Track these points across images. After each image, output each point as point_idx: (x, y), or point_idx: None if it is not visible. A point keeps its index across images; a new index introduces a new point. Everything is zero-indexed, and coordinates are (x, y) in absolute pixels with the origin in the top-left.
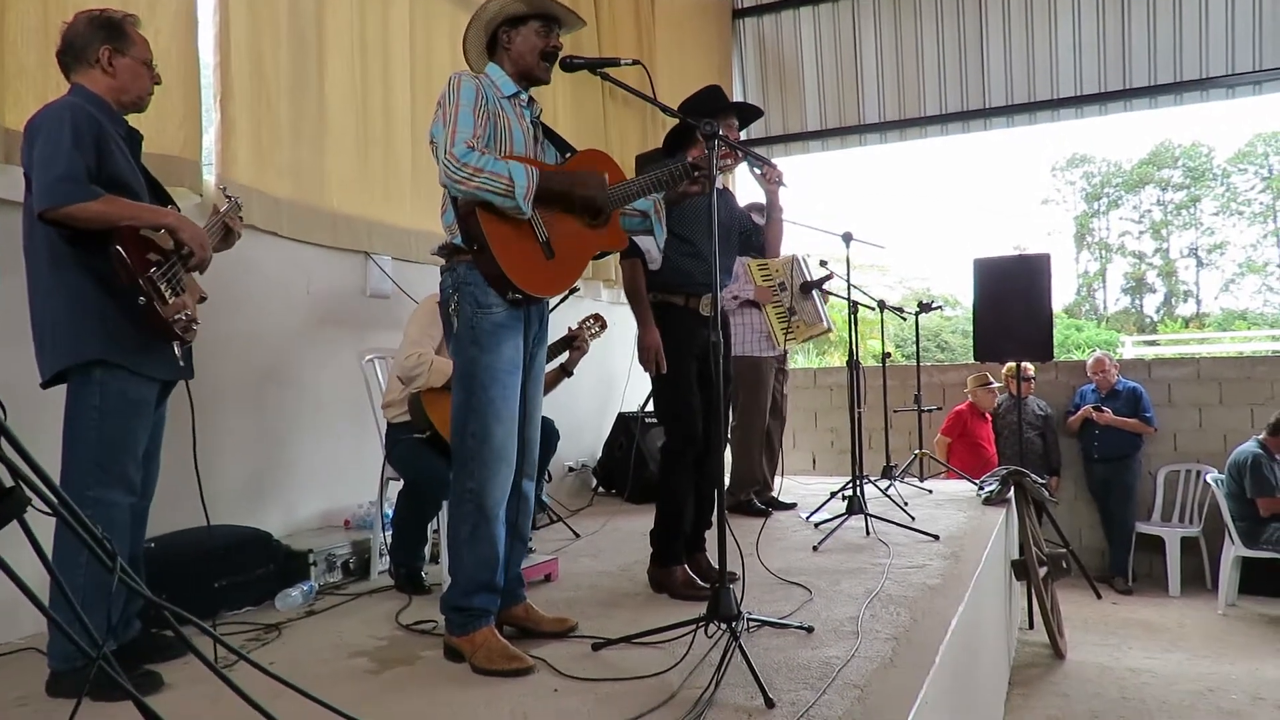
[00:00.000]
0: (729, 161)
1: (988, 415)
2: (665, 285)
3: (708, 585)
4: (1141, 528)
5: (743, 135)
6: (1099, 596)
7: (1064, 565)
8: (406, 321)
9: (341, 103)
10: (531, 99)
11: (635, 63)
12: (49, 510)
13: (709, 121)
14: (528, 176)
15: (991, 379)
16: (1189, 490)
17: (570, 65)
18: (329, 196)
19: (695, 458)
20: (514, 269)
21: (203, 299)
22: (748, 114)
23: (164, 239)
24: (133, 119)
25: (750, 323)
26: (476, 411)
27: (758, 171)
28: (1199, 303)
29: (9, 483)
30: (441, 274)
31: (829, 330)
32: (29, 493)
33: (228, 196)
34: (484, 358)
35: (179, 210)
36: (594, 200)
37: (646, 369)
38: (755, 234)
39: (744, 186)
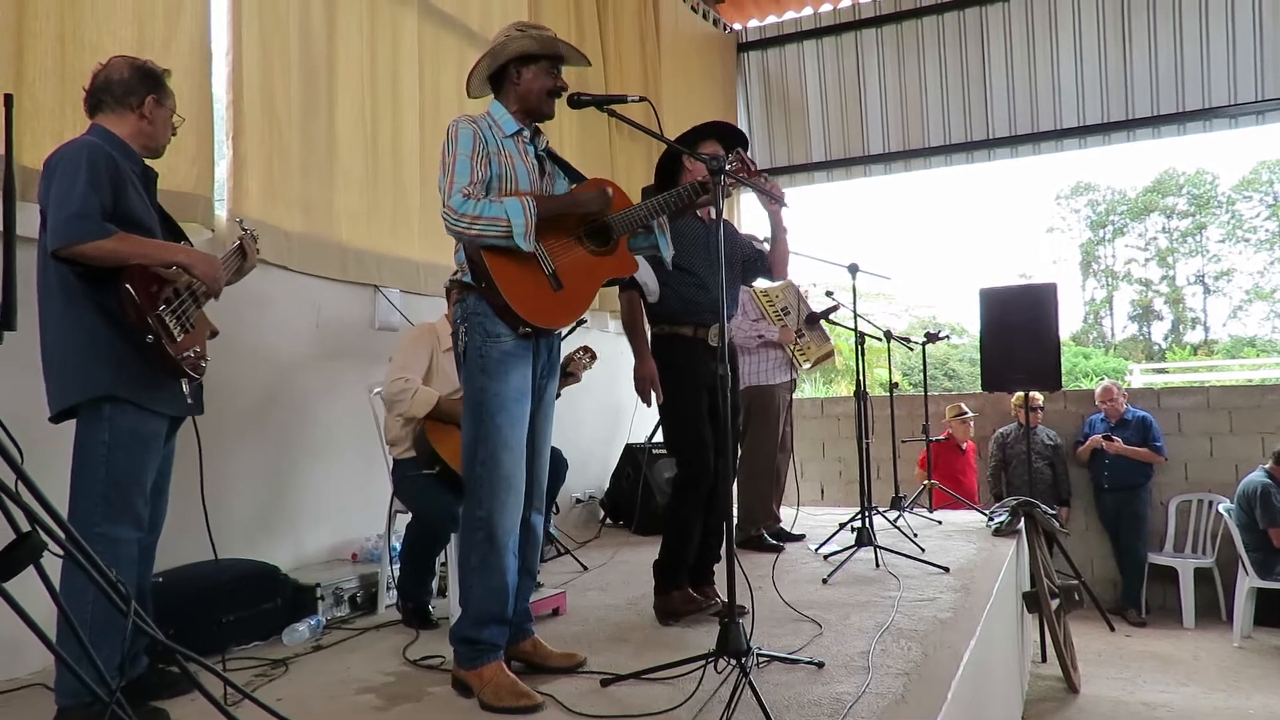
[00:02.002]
0: (742, 176)
1: (965, 446)
2: (673, 317)
3: (705, 599)
4: (1154, 558)
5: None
6: (1112, 629)
7: (1076, 597)
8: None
9: (351, 138)
10: (537, 131)
11: (642, 99)
12: (63, 553)
13: (716, 157)
14: (524, 213)
15: (966, 409)
16: (1201, 520)
17: (578, 102)
18: (338, 230)
19: (709, 489)
20: (522, 304)
21: (214, 334)
22: (732, 138)
23: (176, 275)
24: None
25: (762, 353)
26: (485, 440)
27: (743, 175)
28: (1207, 330)
29: (21, 524)
30: (453, 306)
31: (834, 350)
32: (44, 536)
33: (244, 229)
34: (492, 386)
35: (192, 246)
36: (595, 214)
37: (643, 400)
38: (760, 260)
39: (749, 215)
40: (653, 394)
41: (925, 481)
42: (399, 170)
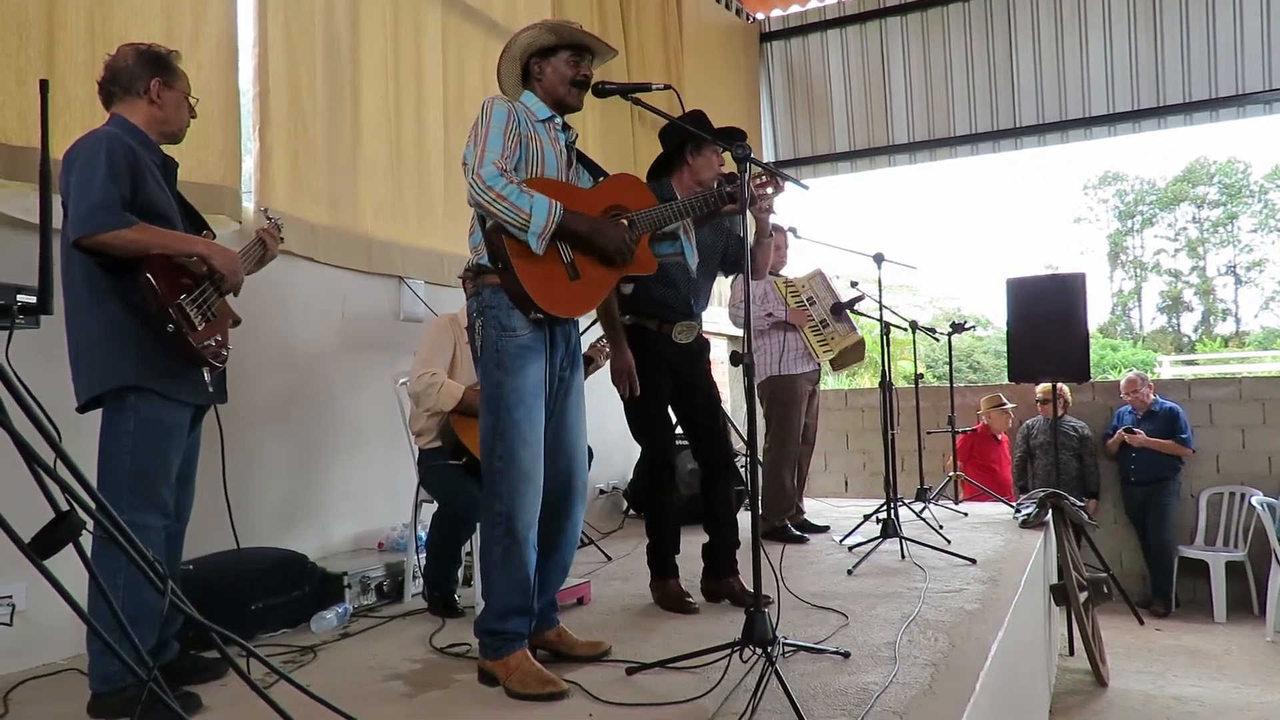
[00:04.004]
0: (770, 190)
1: (1001, 437)
2: (640, 310)
3: (694, 603)
4: (1185, 552)
5: (769, 159)
6: (1141, 622)
7: (1105, 590)
8: (421, 339)
9: (376, 130)
10: (567, 125)
11: (667, 87)
12: (105, 535)
13: (741, 145)
14: (548, 216)
15: (1004, 400)
16: (1233, 513)
17: (603, 91)
18: (363, 222)
19: (706, 477)
20: (536, 288)
21: (236, 323)
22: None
23: (196, 265)
24: (176, 148)
25: (784, 341)
26: (502, 435)
27: (770, 189)
28: (1238, 321)
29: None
30: (468, 299)
31: (861, 341)
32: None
33: (268, 217)
34: (509, 380)
35: (214, 236)
36: (610, 256)
37: (620, 390)
38: (741, 257)
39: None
40: (629, 385)
41: (951, 473)
42: (423, 162)
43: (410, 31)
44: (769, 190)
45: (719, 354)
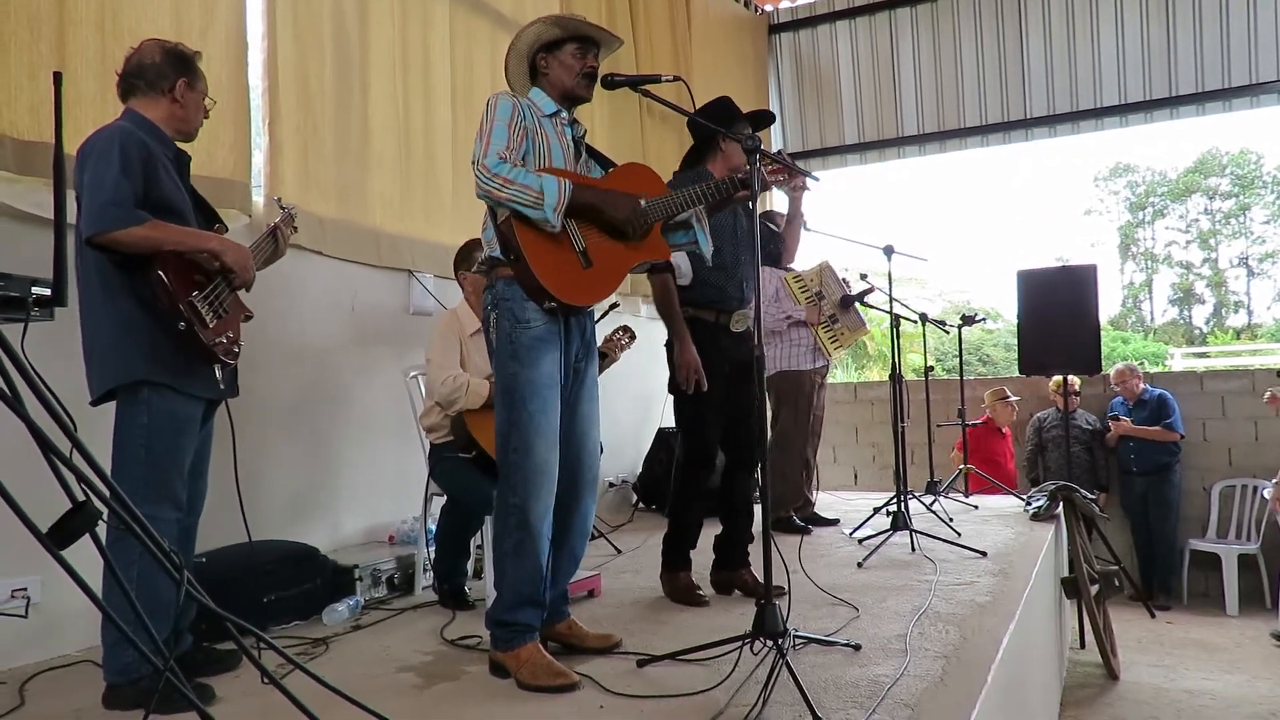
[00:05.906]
0: (781, 178)
1: (1005, 431)
2: (696, 301)
3: (704, 596)
4: (1196, 544)
5: (776, 147)
6: (1153, 615)
7: (1116, 583)
8: (428, 344)
9: (384, 124)
10: (575, 120)
11: (676, 79)
12: (121, 526)
13: (751, 136)
14: (559, 191)
15: (1009, 393)
16: (1245, 506)
17: (612, 83)
18: (373, 215)
19: (729, 469)
20: (549, 277)
21: (248, 318)
22: (760, 122)
23: (208, 262)
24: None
25: (793, 338)
26: (517, 427)
27: (782, 177)
28: (1250, 313)
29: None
30: (483, 293)
31: (868, 331)
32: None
33: (282, 208)
34: (523, 372)
35: (227, 230)
36: (621, 226)
37: (685, 387)
38: (773, 241)
39: (780, 197)
40: (696, 382)
41: (961, 466)
42: (431, 155)
43: (418, 25)
44: (781, 178)
45: None
